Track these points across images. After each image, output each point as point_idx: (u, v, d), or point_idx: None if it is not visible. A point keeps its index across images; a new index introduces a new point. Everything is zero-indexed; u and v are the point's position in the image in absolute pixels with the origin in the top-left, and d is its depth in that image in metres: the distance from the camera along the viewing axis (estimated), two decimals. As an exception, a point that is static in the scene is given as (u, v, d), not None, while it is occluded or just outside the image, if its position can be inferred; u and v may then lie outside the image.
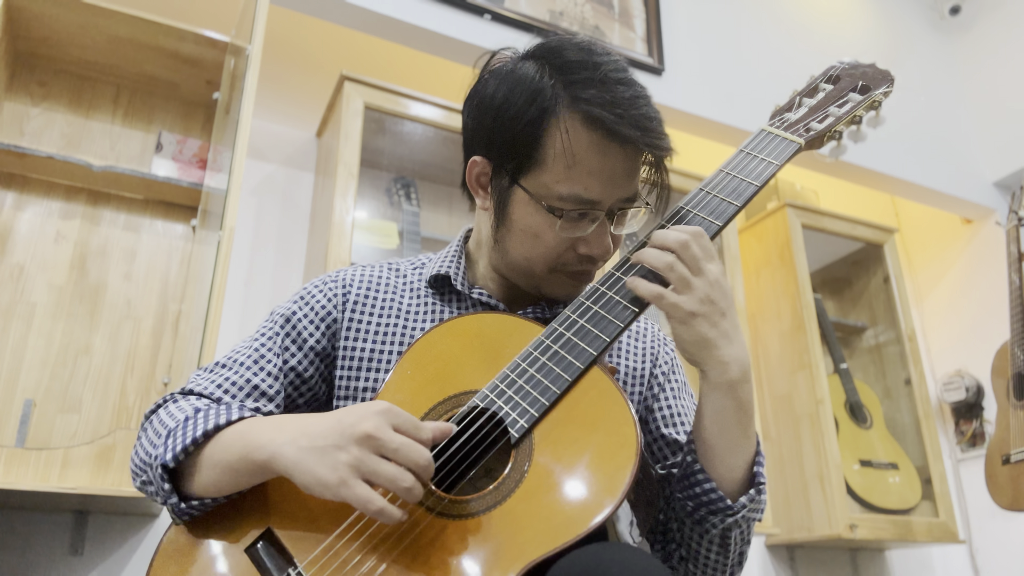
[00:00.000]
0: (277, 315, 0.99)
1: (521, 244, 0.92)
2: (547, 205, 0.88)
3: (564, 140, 0.86)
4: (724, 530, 0.86)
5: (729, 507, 0.83)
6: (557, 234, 0.89)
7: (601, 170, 0.87)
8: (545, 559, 0.67)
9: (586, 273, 0.94)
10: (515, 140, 0.89)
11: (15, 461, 1.57)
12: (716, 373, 0.82)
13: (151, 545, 1.81)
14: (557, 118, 0.87)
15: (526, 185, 0.89)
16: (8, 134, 1.92)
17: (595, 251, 0.91)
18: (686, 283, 0.81)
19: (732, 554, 0.89)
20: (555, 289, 0.95)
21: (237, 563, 0.75)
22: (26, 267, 1.86)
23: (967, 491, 3.11)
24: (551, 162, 0.87)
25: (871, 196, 3.44)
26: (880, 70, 1.02)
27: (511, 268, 0.96)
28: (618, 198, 0.89)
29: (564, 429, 0.76)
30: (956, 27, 3.59)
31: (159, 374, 1.89)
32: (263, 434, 0.76)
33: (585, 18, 2.57)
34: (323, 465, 0.71)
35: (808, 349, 2.60)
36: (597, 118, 0.85)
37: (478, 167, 0.95)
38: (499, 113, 0.90)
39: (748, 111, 2.73)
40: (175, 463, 0.79)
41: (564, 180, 0.87)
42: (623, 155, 0.88)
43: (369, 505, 0.69)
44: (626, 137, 0.85)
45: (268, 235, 2.29)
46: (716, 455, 0.84)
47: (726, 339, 0.82)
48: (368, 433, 0.71)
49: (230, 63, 1.99)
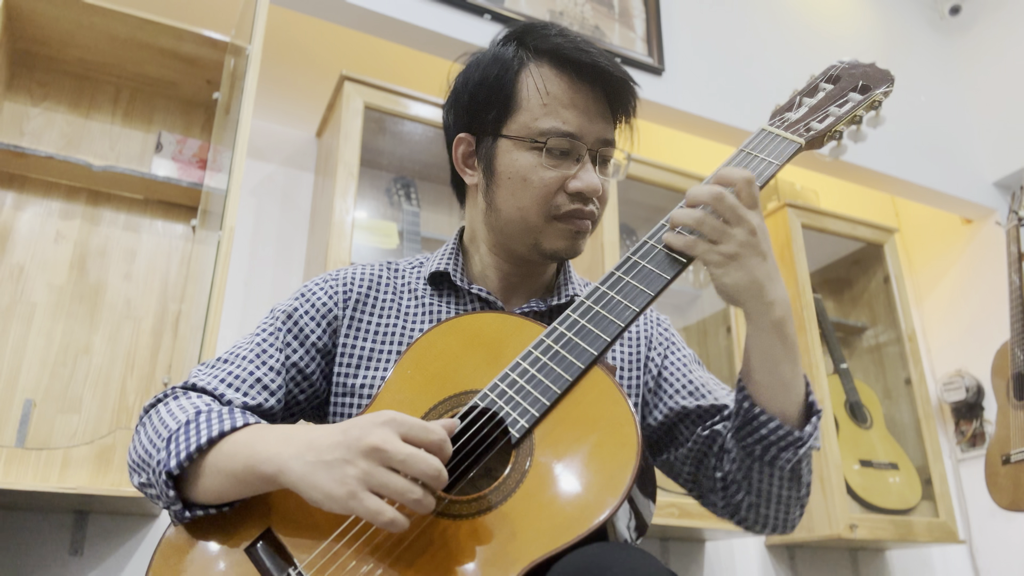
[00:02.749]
0: (279, 312, 0.99)
1: (512, 194, 0.95)
2: (531, 140, 0.93)
3: (536, 81, 0.94)
4: (796, 463, 0.88)
5: (799, 438, 0.86)
6: (544, 171, 0.93)
7: (574, 104, 0.93)
8: (546, 559, 0.67)
9: (580, 216, 0.95)
10: (491, 99, 0.96)
11: (15, 461, 1.57)
12: (761, 313, 0.83)
13: (151, 545, 1.81)
14: (526, 66, 0.95)
15: (508, 132, 0.95)
16: (8, 134, 1.92)
17: (583, 186, 0.93)
18: (722, 233, 0.82)
19: (803, 485, 0.92)
20: (554, 241, 0.96)
21: (237, 563, 0.75)
22: (26, 267, 1.86)
23: (967, 491, 3.11)
24: (527, 103, 0.94)
25: (871, 196, 3.44)
26: (880, 70, 1.02)
27: (507, 230, 0.97)
28: (597, 137, 0.94)
29: (565, 429, 0.76)
30: (956, 27, 3.58)
31: (159, 374, 1.89)
32: (269, 446, 0.76)
33: (585, 18, 2.57)
34: (331, 480, 0.70)
35: (808, 349, 2.60)
36: (563, 54, 0.93)
37: (463, 145, 1.00)
38: (476, 86, 0.97)
39: (748, 111, 2.73)
40: (180, 470, 0.78)
41: (542, 116, 0.93)
42: (592, 93, 0.94)
43: (380, 517, 0.68)
44: (592, 65, 0.92)
45: (268, 235, 2.29)
46: (773, 393, 0.86)
47: (769, 280, 0.83)
48: (375, 446, 0.69)
49: (230, 63, 1.99)
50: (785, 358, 0.85)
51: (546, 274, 1.05)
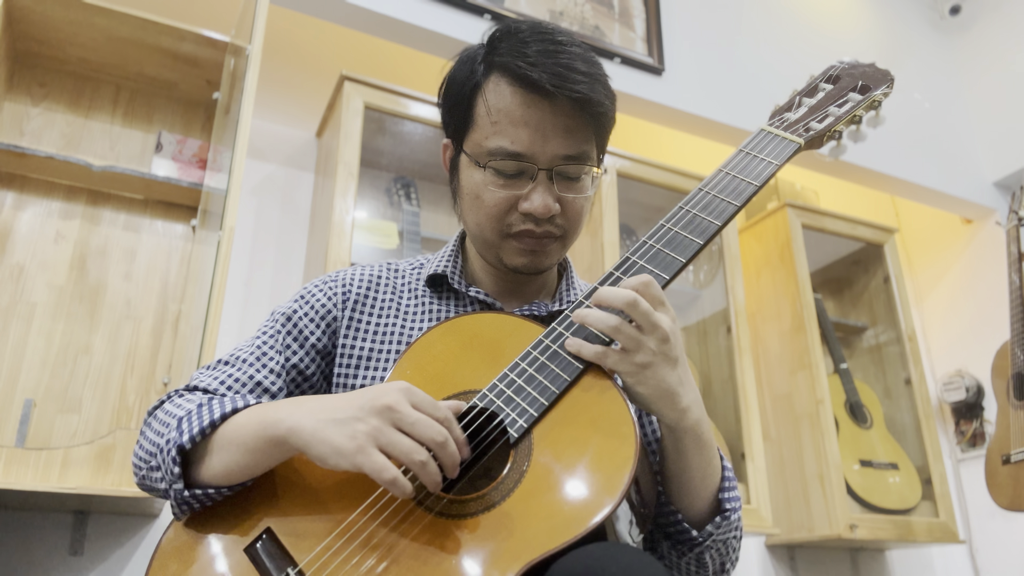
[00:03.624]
0: (278, 314, 0.99)
1: (469, 209, 0.95)
2: (477, 161, 0.92)
3: (489, 98, 0.91)
4: (698, 555, 0.87)
5: (695, 538, 0.85)
6: (493, 192, 0.91)
7: (526, 122, 0.89)
8: (544, 559, 0.67)
9: (533, 236, 0.92)
10: (455, 109, 0.95)
11: (15, 461, 1.57)
12: (675, 420, 0.80)
13: (151, 545, 1.81)
14: (484, 79, 0.92)
15: (466, 148, 0.94)
16: (8, 134, 1.92)
17: (531, 207, 0.90)
18: (637, 343, 0.78)
19: (712, 568, 0.90)
20: (513, 258, 0.95)
21: (236, 562, 0.75)
22: (26, 267, 1.86)
23: (967, 491, 3.11)
24: (480, 120, 0.92)
25: (871, 196, 3.44)
26: (880, 70, 1.02)
27: (475, 242, 0.99)
28: (555, 154, 0.90)
29: (563, 429, 0.76)
30: (956, 27, 3.58)
31: (159, 374, 1.89)
32: (280, 410, 0.77)
33: (585, 18, 2.57)
34: (341, 434, 0.72)
35: (808, 349, 2.60)
36: (511, 71, 0.89)
37: (448, 150, 1.00)
38: (446, 92, 0.98)
39: (748, 111, 2.73)
40: (191, 444, 0.79)
41: (492, 135, 0.91)
42: (550, 108, 0.89)
43: (384, 473, 0.69)
44: (538, 83, 0.87)
45: (268, 235, 2.29)
46: (679, 488, 0.86)
47: (681, 386, 0.79)
48: (387, 405, 0.72)
49: (230, 63, 1.99)
50: (696, 459, 0.83)
51: (545, 279, 1.05)
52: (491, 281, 1.02)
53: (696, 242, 0.86)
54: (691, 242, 0.86)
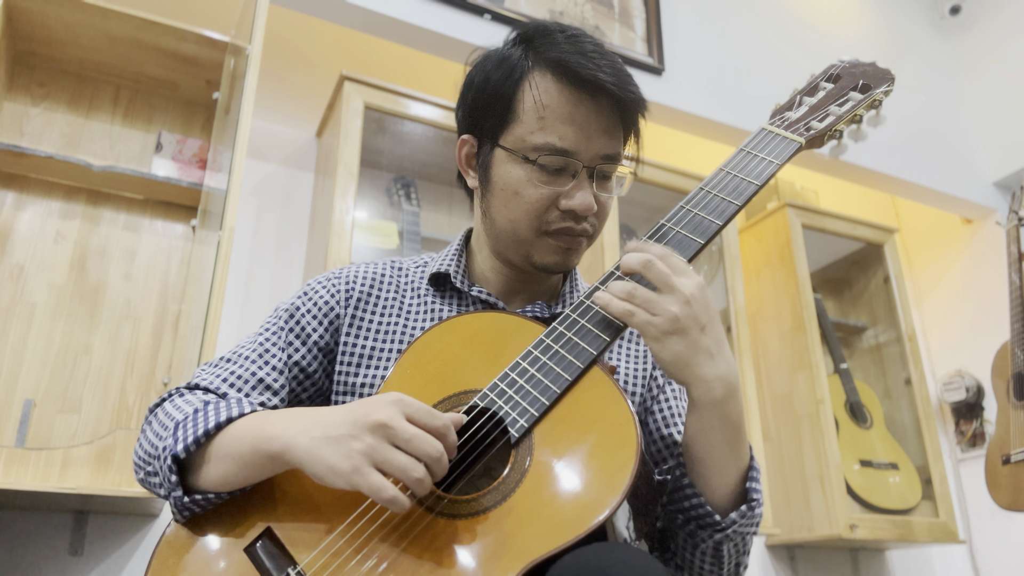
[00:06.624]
0: (281, 310, 0.99)
1: (504, 205, 0.93)
2: (523, 156, 0.90)
3: (535, 92, 0.90)
4: (716, 544, 0.84)
5: (718, 523, 0.82)
6: (536, 188, 0.90)
7: (573, 119, 0.89)
8: (545, 559, 0.67)
9: (571, 233, 0.93)
10: (492, 105, 0.93)
11: (15, 461, 1.57)
12: (699, 392, 0.79)
13: (151, 545, 1.81)
14: (528, 74, 0.92)
15: (504, 143, 0.93)
16: (8, 134, 1.92)
17: (575, 204, 0.90)
18: (652, 304, 0.78)
19: (727, 567, 0.88)
20: (545, 256, 0.94)
21: (236, 562, 0.75)
22: (26, 267, 1.86)
23: (967, 491, 3.11)
24: (525, 115, 0.91)
25: (871, 196, 3.44)
26: (880, 69, 1.02)
27: (500, 239, 0.97)
28: (596, 153, 0.91)
29: (564, 428, 0.76)
30: (956, 27, 3.58)
31: (159, 374, 1.89)
32: (275, 425, 0.76)
33: (585, 18, 2.57)
34: (336, 454, 0.71)
35: (808, 349, 2.60)
36: (565, 66, 0.89)
37: (466, 146, 0.99)
38: (479, 89, 0.96)
39: (748, 111, 2.73)
40: (186, 454, 0.78)
41: (538, 130, 0.90)
42: (595, 107, 0.90)
43: (382, 493, 0.68)
44: (594, 81, 0.88)
45: (268, 235, 2.29)
46: (705, 470, 0.83)
47: (707, 356, 0.78)
48: (382, 422, 0.71)
49: (230, 63, 1.99)
50: (723, 439, 0.80)
51: (550, 280, 1.04)
52: (498, 280, 1.01)
53: (697, 241, 0.86)
54: (692, 241, 0.86)
